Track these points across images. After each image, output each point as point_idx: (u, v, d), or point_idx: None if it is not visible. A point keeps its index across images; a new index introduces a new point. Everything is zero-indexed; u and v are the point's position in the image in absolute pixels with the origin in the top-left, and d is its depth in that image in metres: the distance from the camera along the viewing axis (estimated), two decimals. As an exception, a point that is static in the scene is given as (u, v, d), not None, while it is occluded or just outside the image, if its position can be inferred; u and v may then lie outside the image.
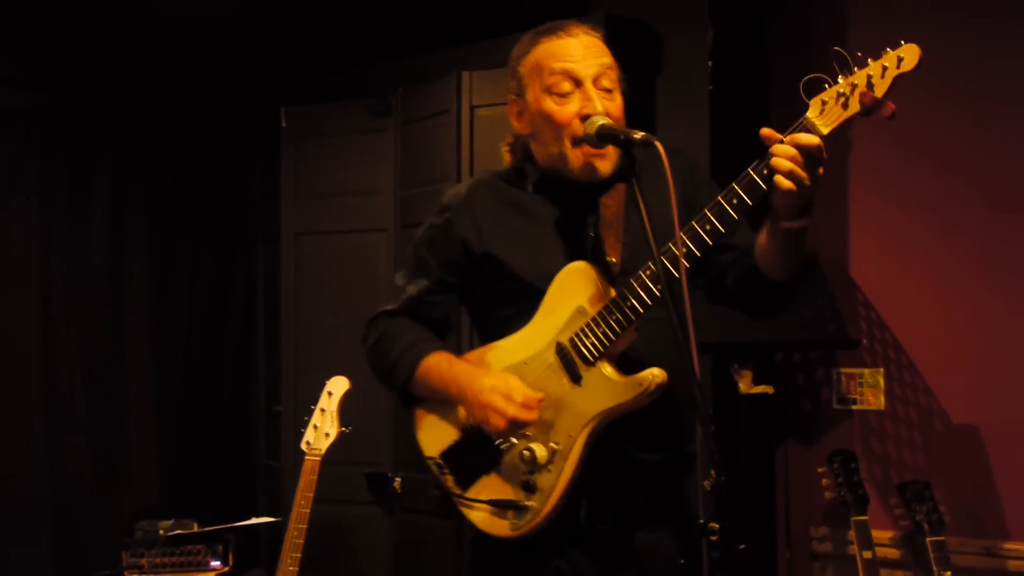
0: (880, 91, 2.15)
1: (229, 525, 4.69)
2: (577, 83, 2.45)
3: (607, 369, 2.38)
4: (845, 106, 2.18)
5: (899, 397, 4.17)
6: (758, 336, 3.84)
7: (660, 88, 4.31)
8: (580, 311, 2.40)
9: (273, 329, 5.40)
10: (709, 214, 2.29)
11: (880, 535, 4.04)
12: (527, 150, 2.59)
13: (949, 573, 3.70)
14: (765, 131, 2.25)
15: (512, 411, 2.37)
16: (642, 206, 2.23)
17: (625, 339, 2.37)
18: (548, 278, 2.45)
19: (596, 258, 2.46)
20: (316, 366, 4.84)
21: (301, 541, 3.91)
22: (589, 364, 2.38)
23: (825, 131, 2.20)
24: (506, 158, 2.67)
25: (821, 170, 2.20)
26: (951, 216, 4.06)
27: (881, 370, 4.20)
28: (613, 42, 4.14)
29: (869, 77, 2.15)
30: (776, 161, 2.19)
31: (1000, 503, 3.97)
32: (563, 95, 2.45)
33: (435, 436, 2.57)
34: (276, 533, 4.60)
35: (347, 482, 4.69)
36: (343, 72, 5.20)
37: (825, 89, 2.19)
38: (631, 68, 4.23)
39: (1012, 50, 3.99)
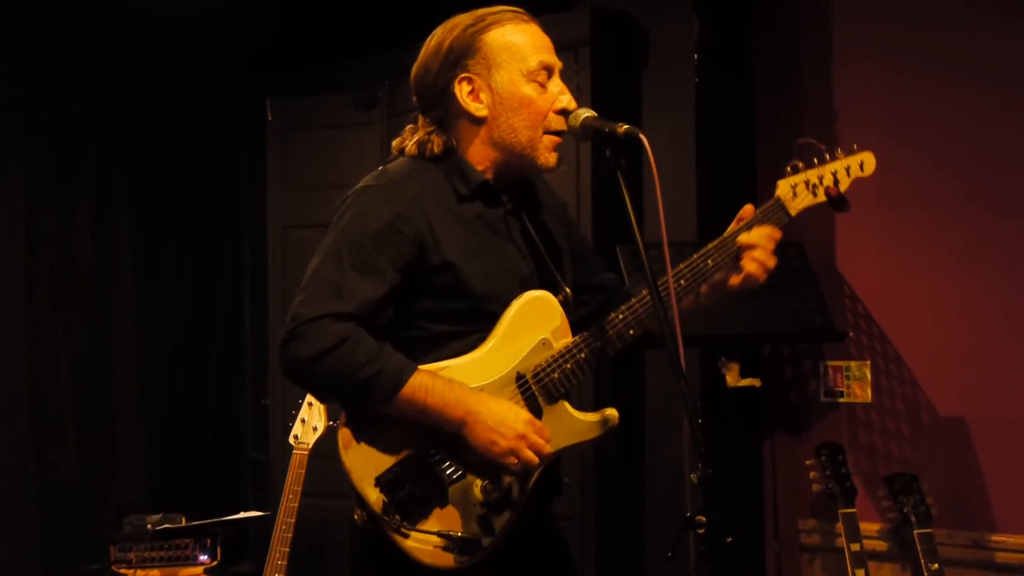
0: (843, 187, 2.51)
1: (217, 519, 4.69)
2: (550, 74, 2.44)
3: (568, 406, 2.40)
4: (814, 194, 2.51)
5: (886, 390, 4.17)
6: (745, 329, 3.84)
7: (646, 80, 4.30)
8: (544, 343, 2.39)
9: (260, 323, 5.39)
10: (684, 269, 2.42)
11: (868, 527, 4.05)
12: (453, 135, 2.46)
13: (936, 565, 3.70)
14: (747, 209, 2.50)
15: (548, 450, 2.33)
16: (635, 227, 2.22)
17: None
18: (500, 301, 2.38)
19: (551, 288, 2.45)
20: (303, 360, 4.84)
21: (289, 535, 3.91)
22: (552, 400, 2.38)
23: (793, 213, 2.49)
24: (415, 139, 2.50)
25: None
26: (938, 209, 4.06)
27: (868, 363, 4.21)
28: (599, 34, 4.18)
29: (835, 174, 2.50)
30: (759, 254, 2.43)
31: (987, 495, 3.98)
32: (542, 84, 2.42)
33: (368, 460, 2.35)
34: (264, 527, 4.60)
35: (335, 476, 4.66)
36: (329, 65, 5.18)
37: (797, 171, 2.51)
38: (617, 61, 4.27)
39: (1001, 46, 3.99)
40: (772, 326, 3.96)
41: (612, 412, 2.39)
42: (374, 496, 2.32)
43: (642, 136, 2.21)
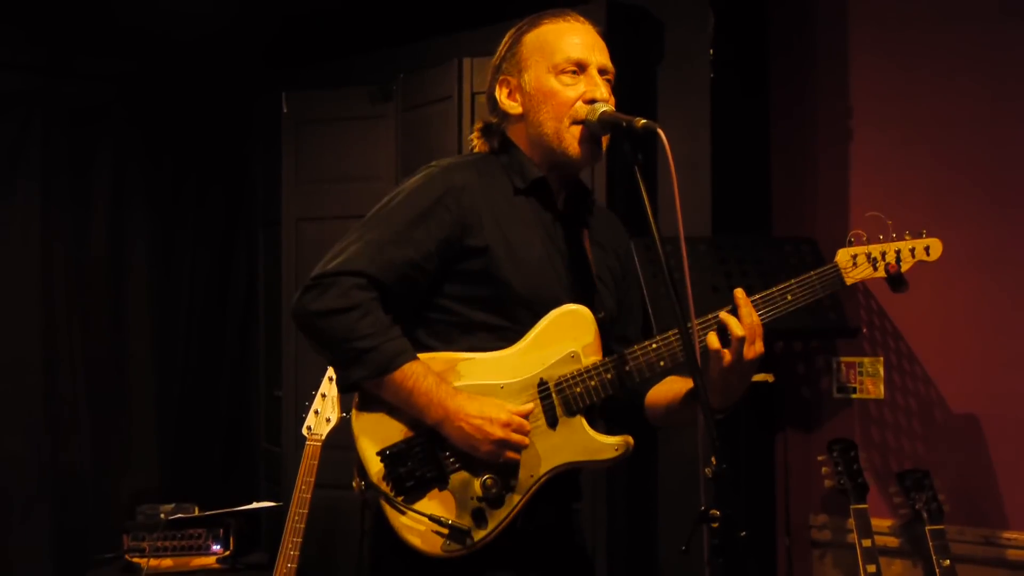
0: (905, 268, 2.51)
1: (230, 509, 4.70)
2: (583, 69, 2.45)
3: (585, 423, 2.40)
4: (874, 268, 2.51)
5: (899, 386, 4.17)
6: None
7: (661, 76, 4.30)
8: (573, 356, 2.40)
9: (274, 314, 5.41)
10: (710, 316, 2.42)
11: (879, 523, 4.05)
12: (503, 137, 2.55)
13: (948, 561, 3.71)
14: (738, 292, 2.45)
15: (527, 441, 2.34)
16: (652, 221, 2.23)
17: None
18: (538, 299, 2.40)
19: (591, 305, 2.46)
20: (317, 352, 4.85)
21: (302, 525, 3.92)
22: (570, 414, 2.39)
23: (848, 282, 2.49)
24: (475, 144, 2.61)
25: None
26: (951, 206, 4.06)
27: (881, 359, 4.21)
28: (614, 29, 4.18)
29: (898, 252, 2.51)
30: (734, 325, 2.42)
31: (999, 492, 3.98)
32: (570, 76, 2.44)
33: (378, 429, 2.38)
34: (277, 517, 4.61)
35: (348, 467, 4.67)
36: (344, 58, 5.19)
37: (861, 242, 2.51)
38: (632, 55, 4.27)
39: (1015, 45, 3.98)
40: (785, 322, 3.95)
41: (627, 439, 2.40)
42: (375, 466, 2.35)
43: (660, 131, 2.21)
